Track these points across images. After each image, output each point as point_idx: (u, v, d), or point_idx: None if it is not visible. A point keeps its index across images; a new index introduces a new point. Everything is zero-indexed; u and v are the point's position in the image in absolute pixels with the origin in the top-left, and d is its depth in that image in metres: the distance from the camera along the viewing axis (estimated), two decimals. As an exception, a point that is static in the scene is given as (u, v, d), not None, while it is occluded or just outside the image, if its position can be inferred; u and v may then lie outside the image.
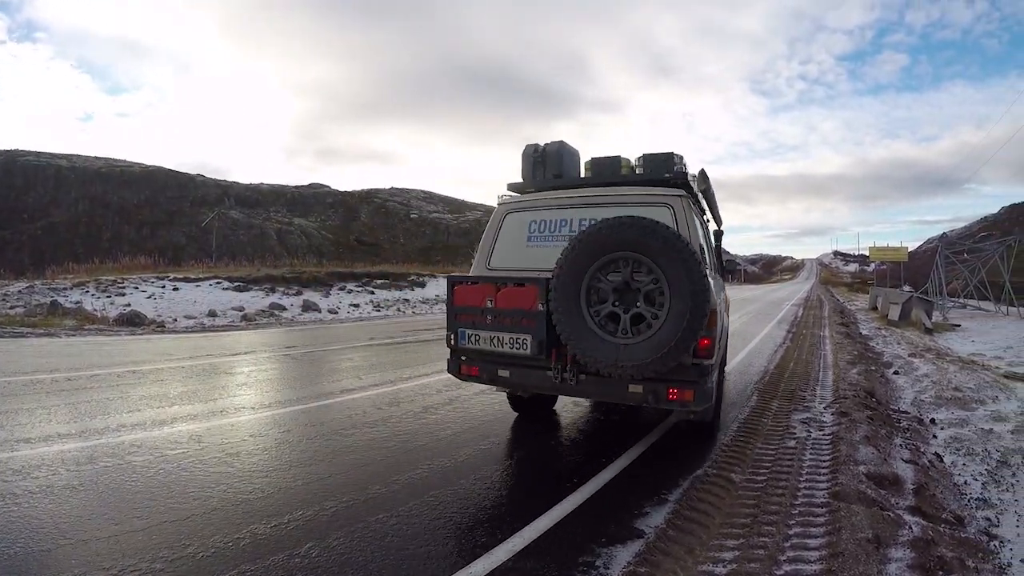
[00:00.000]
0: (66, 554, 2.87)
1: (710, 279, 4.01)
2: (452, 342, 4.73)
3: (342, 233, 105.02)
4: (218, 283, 19.47)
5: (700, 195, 5.40)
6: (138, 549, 2.94)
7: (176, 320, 15.62)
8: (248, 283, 19.93)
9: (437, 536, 3.20)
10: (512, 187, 5.65)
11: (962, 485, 4.91)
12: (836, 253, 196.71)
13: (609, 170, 5.31)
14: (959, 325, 18.57)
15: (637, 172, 5.23)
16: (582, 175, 5.53)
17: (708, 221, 6.34)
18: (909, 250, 57.23)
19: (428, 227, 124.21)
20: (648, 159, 5.18)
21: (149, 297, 17.22)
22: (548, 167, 5.48)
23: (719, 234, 6.45)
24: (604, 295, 4.03)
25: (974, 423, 6.81)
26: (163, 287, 18.26)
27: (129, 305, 16.00)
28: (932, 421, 6.87)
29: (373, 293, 22.39)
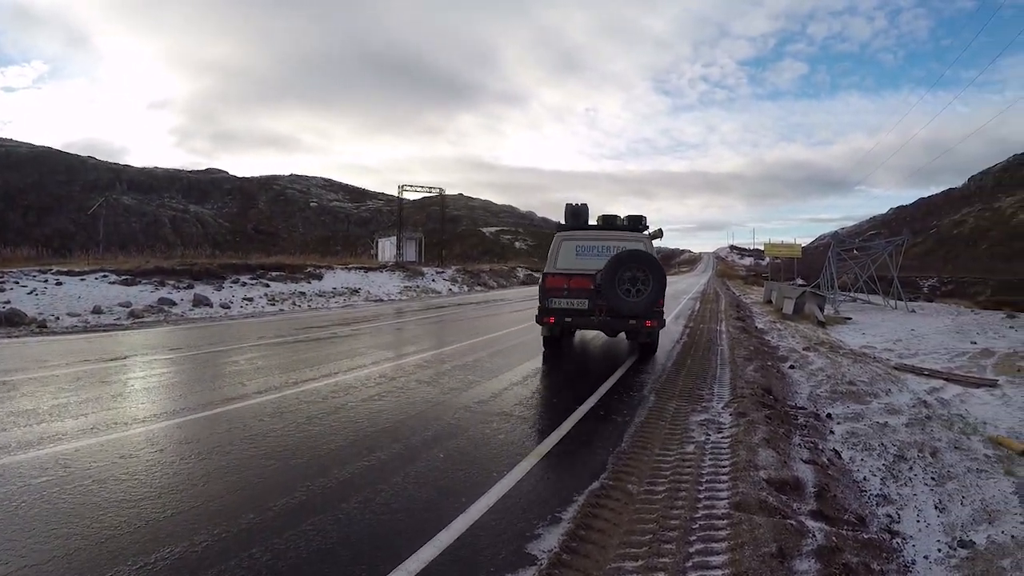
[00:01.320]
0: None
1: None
2: (544, 304, 9.52)
3: (239, 221, 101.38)
4: (105, 276, 18.15)
5: (651, 234, 10.32)
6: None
7: (59, 318, 14.35)
8: (136, 276, 18.74)
9: (315, 572, 3.02)
10: (560, 227, 10.33)
11: (861, 482, 5.07)
12: (732, 247, 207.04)
13: (610, 222, 10.40)
14: (850, 318, 19.83)
15: (624, 223, 10.31)
16: (593, 223, 10.49)
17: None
18: (802, 246, 61.00)
19: (328, 216, 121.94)
20: (630, 218, 10.38)
21: (30, 292, 15.71)
22: (579, 217, 10.33)
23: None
24: (623, 281, 8.95)
25: (869, 416, 7.15)
26: (45, 281, 16.76)
27: (8, 302, 14.48)
28: (828, 416, 7.14)
29: (268, 286, 21.63)
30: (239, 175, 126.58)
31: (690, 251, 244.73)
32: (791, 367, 10.06)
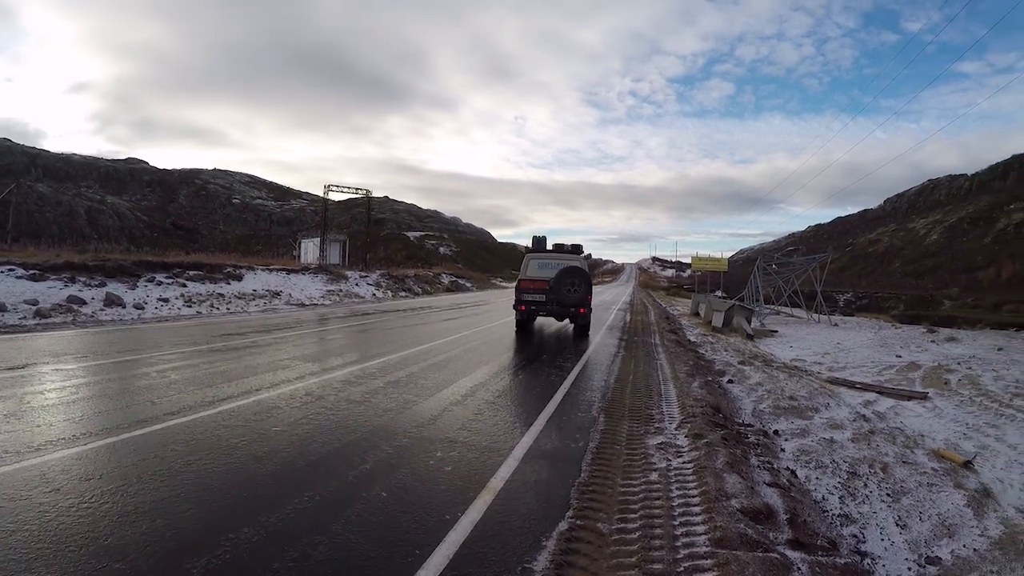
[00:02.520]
0: None
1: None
2: (518, 298, 14.80)
3: (158, 215, 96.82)
4: (11, 270, 16.72)
5: (584, 256, 16.07)
6: None
7: (-45, 317, 13.09)
8: (45, 271, 17.34)
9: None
10: (528, 249, 15.85)
11: (822, 502, 5.01)
12: (655, 259, 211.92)
13: (560, 247, 15.93)
14: (776, 331, 20.29)
15: (568, 249, 15.89)
16: (550, 247, 15.91)
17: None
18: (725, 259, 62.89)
19: (251, 214, 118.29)
20: (573, 245, 16.04)
21: (-69, 287, 14.35)
22: (541, 244, 15.84)
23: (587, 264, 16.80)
24: (565, 284, 14.32)
25: (815, 432, 7.15)
26: (-53, 275, 15.36)
27: None
28: (776, 433, 7.10)
29: (185, 286, 20.49)
30: (160, 166, 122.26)
31: (613, 262, 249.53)
32: (729, 382, 10.03)
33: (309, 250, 42.99)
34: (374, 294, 31.17)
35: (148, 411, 6.16)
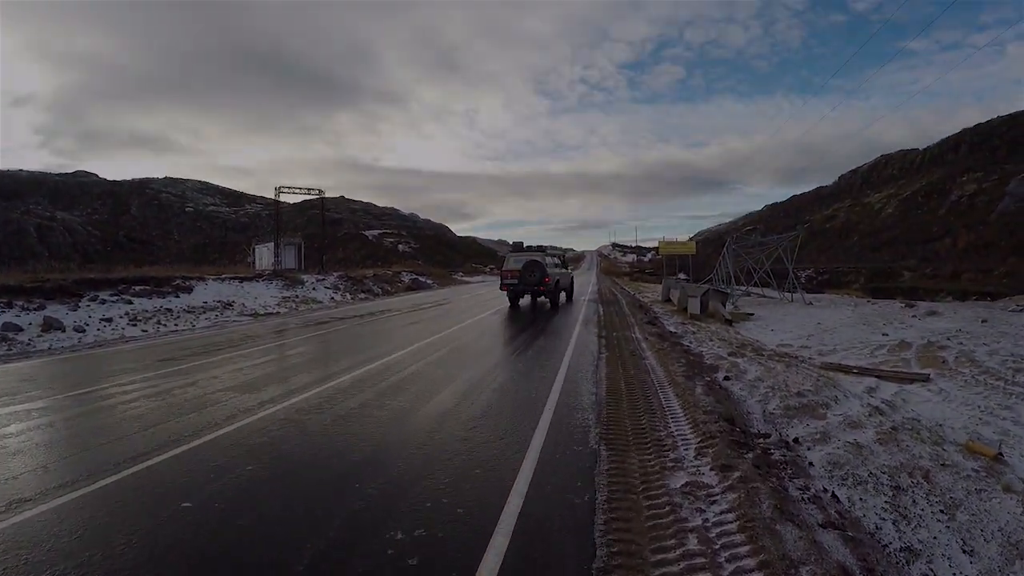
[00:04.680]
0: None
1: (548, 268, 21.93)
2: (502, 281, 22.97)
3: (111, 229, 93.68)
4: None
5: (546, 253, 23.51)
6: None
7: None
8: None
9: None
10: (510, 249, 24.08)
11: (876, 532, 4.24)
12: (614, 245, 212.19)
13: (530, 247, 23.74)
14: (752, 314, 19.54)
15: (536, 248, 23.71)
16: (525, 247, 23.81)
17: (556, 256, 25.52)
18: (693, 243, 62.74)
19: (205, 222, 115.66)
20: (539, 246, 23.97)
21: None
22: (519, 245, 23.88)
23: (563, 257, 27.87)
24: (529, 272, 21.76)
25: (835, 435, 6.38)
26: None
27: None
28: (796, 441, 6.26)
29: (131, 303, 19.23)
30: (110, 178, 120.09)
31: (573, 249, 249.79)
32: (726, 379, 9.16)
33: (264, 255, 41.19)
34: (332, 298, 29.83)
35: (37, 483, 4.93)
